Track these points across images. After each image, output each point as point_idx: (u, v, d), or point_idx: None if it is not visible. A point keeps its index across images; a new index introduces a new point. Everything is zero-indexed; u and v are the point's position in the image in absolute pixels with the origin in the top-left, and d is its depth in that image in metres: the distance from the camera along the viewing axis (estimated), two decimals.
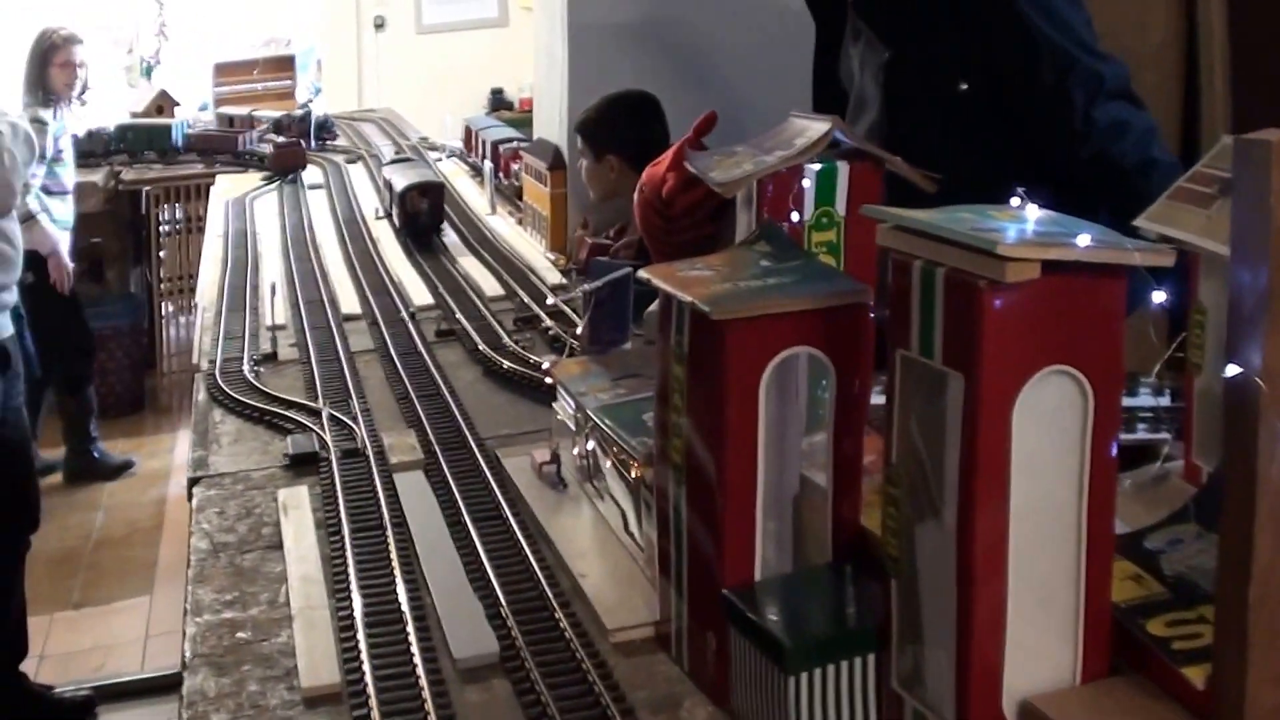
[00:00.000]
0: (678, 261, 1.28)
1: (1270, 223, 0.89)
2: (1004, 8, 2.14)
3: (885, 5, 2.28)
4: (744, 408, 1.27)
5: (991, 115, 2.20)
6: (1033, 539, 1.10)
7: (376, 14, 8.49)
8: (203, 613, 1.71)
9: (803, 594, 1.33)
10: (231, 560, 1.86)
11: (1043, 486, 1.09)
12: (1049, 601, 1.14)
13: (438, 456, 2.12)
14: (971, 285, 1.00)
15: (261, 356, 2.77)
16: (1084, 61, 2.11)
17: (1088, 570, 1.13)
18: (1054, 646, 1.16)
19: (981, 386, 1.02)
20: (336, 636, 1.60)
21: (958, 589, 1.10)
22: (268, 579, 1.79)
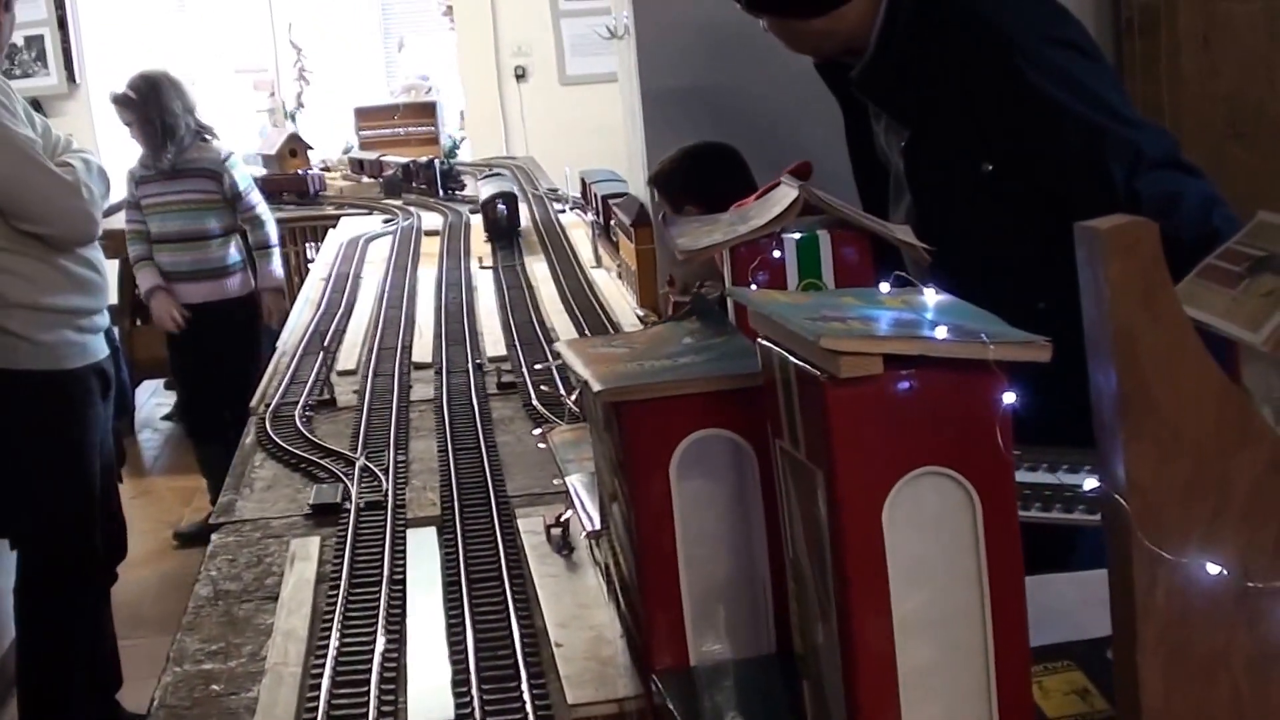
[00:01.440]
0: (598, 337, 1.24)
1: (1109, 320, 0.82)
2: (1016, 79, 2.03)
3: (889, 84, 2.18)
4: (652, 489, 1.22)
5: (1023, 196, 2.08)
6: (932, 651, 1.03)
7: (516, 64, 8.59)
8: (184, 662, 1.71)
9: (732, 686, 1.27)
10: (228, 610, 1.86)
11: (938, 596, 1.02)
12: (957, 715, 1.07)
13: (454, 513, 2.10)
14: (816, 380, 0.94)
15: (317, 402, 2.79)
16: (1116, 132, 1.99)
17: (1000, 687, 1.05)
18: None
19: (839, 484, 0.96)
20: (301, 695, 1.58)
21: (845, 701, 1.04)
22: (257, 631, 1.79)
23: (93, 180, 3.62)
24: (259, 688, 1.62)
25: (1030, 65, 2.04)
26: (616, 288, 3.82)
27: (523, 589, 1.80)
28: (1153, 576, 0.86)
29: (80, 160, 3.63)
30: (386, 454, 2.41)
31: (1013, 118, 2.06)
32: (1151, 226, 0.91)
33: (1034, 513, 1.52)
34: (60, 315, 3.59)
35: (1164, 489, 0.86)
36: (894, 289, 1.16)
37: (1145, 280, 0.88)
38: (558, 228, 4.99)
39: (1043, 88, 2.01)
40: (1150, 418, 0.86)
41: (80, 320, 3.65)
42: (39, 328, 3.55)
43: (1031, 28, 2.08)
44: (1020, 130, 2.06)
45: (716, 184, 3.06)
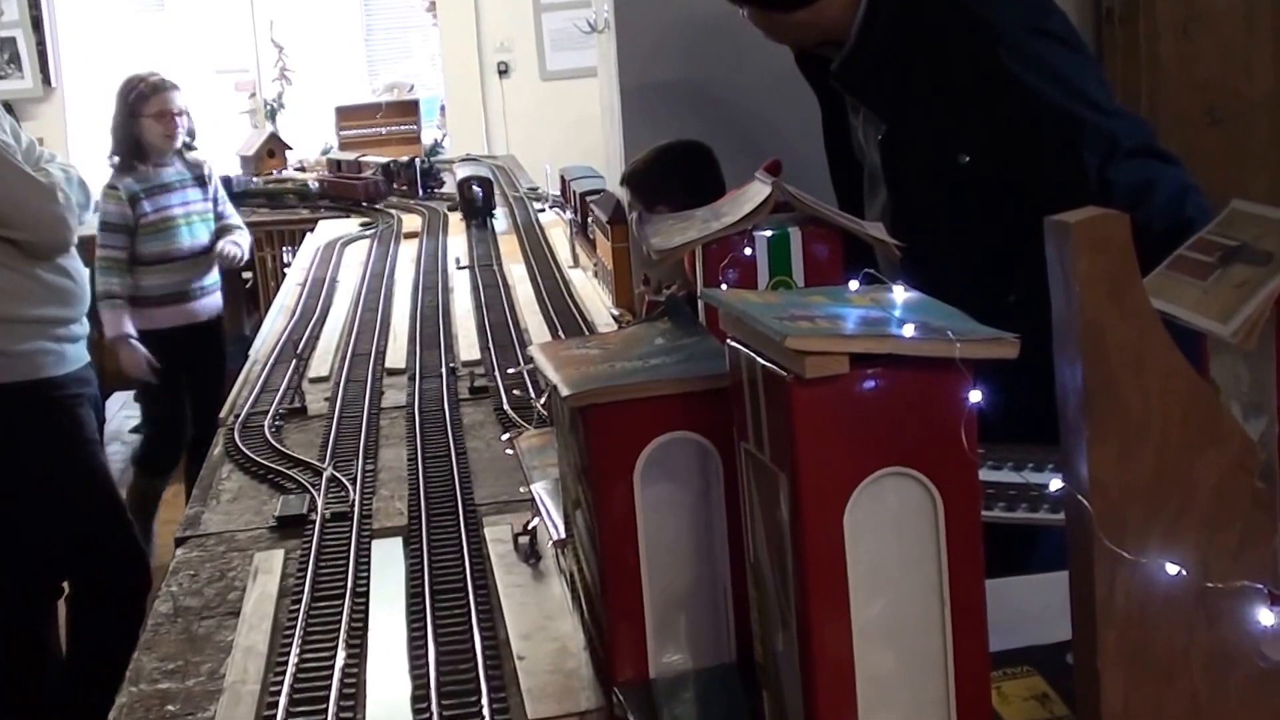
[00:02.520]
0: (571, 339, 1.23)
1: (1078, 314, 0.81)
2: (996, 70, 2.02)
3: (869, 76, 2.17)
4: (616, 495, 1.21)
5: (998, 188, 2.08)
6: (890, 658, 1.02)
7: (500, 60, 8.58)
8: (140, 681, 1.69)
9: (692, 698, 1.25)
10: (188, 626, 1.84)
11: (897, 600, 1.01)
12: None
13: (421, 523, 2.08)
14: (781, 379, 0.93)
15: (287, 411, 2.77)
16: (1092, 121, 1.99)
17: (959, 694, 1.04)
18: None
19: (802, 486, 0.94)
20: (259, 713, 1.57)
21: (804, 710, 1.02)
22: (217, 648, 1.77)
23: (71, 188, 3.61)
24: (215, 707, 1.60)
25: (1011, 56, 2.03)
26: (593, 288, 3.81)
27: (486, 600, 1.78)
28: (1113, 577, 0.84)
29: (59, 169, 3.62)
30: (355, 463, 2.39)
31: (991, 108, 2.06)
32: (1122, 220, 0.89)
33: (997, 513, 1.51)
34: (35, 326, 3.58)
35: (1126, 488, 0.84)
36: (863, 287, 1.15)
37: (1114, 275, 0.87)
38: (537, 228, 4.98)
39: (1022, 78, 2.01)
40: (1115, 414, 0.85)
41: (57, 330, 3.64)
42: (13, 339, 3.53)
43: (1015, 18, 2.08)
44: (998, 120, 2.05)
45: (688, 184, 3.06)
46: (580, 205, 4.31)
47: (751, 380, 1.00)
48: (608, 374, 1.21)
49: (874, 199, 2.27)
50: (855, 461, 0.95)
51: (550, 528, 1.60)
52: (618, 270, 3.49)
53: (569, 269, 4.17)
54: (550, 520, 1.60)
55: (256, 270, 6.54)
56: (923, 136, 2.13)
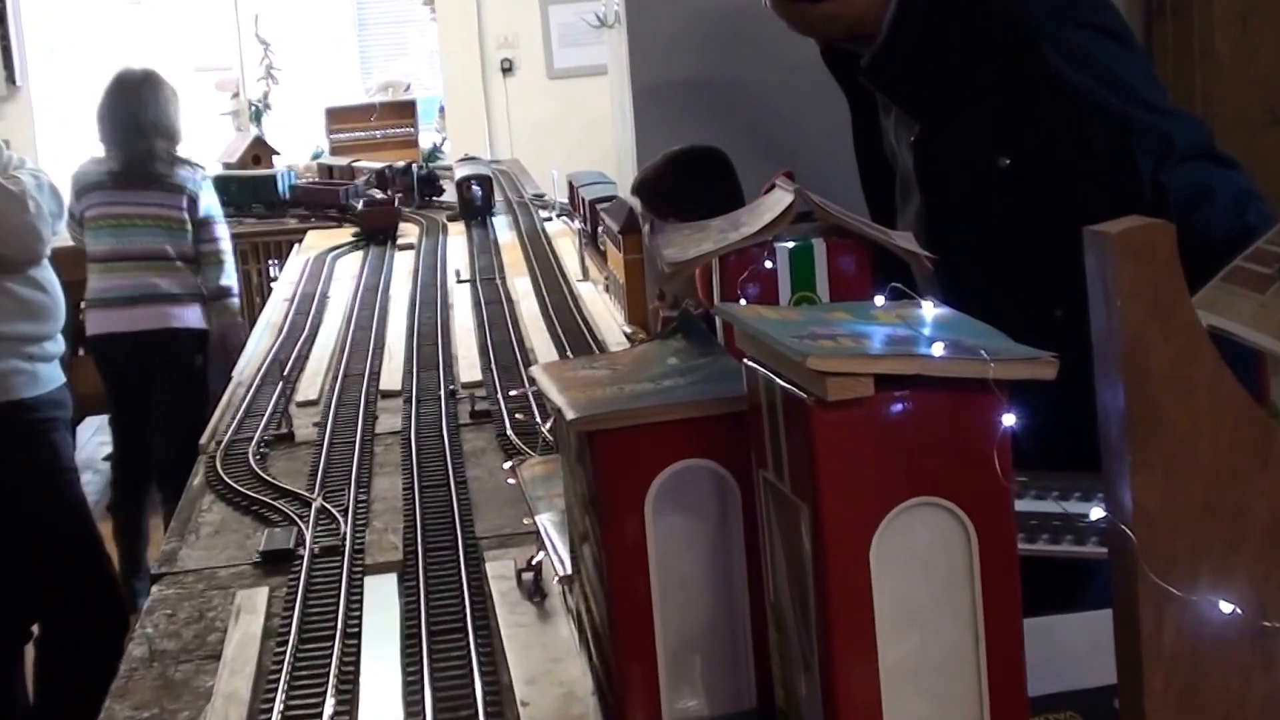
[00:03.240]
0: (578, 358, 1.24)
1: (1119, 331, 0.82)
2: (1039, 67, 2.03)
3: (901, 72, 2.18)
4: (626, 528, 1.22)
5: (1040, 193, 2.09)
6: (921, 703, 1.03)
7: (503, 57, 8.62)
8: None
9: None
10: (164, 671, 1.85)
11: (928, 640, 1.01)
12: None
13: (417, 557, 2.09)
14: (801, 402, 0.94)
15: (274, 437, 2.79)
16: (1144, 121, 2.00)
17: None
18: None
19: (824, 518, 0.95)
20: None
21: None
22: (195, 694, 1.78)
23: (42, 195, 3.64)
24: None
25: (1056, 51, 2.04)
26: (604, 303, 3.82)
27: (488, 641, 1.79)
28: (1160, 615, 0.85)
29: (29, 175, 3.64)
30: (347, 493, 2.40)
31: (1033, 107, 2.06)
32: (1167, 229, 0.90)
33: (1040, 545, 1.51)
34: (5, 344, 3.60)
35: (1174, 518, 0.85)
36: (889, 302, 1.16)
37: (1158, 289, 0.88)
38: (543, 238, 5.00)
39: (1067, 74, 2.01)
40: (1160, 439, 0.86)
41: (29, 348, 3.66)
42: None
43: (1060, 11, 2.09)
44: (1041, 120, 2.06)
45: (706, 191, 3.07)
46: (590, 214, 4.33)
47: (770, 404, 1.01)
48: (616, 397, 1.22)
49: (907, 206, 2.28)
50: (882, 491, 0.96)
51: (556, 563, 1.61)
52: (630, 284, 3.50)
53: (578, 283, 4.19)
54: (556, 555, 1.60)
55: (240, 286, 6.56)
56: (959, 138, 2.14)
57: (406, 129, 8.06)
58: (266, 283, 6.37)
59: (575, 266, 4.37)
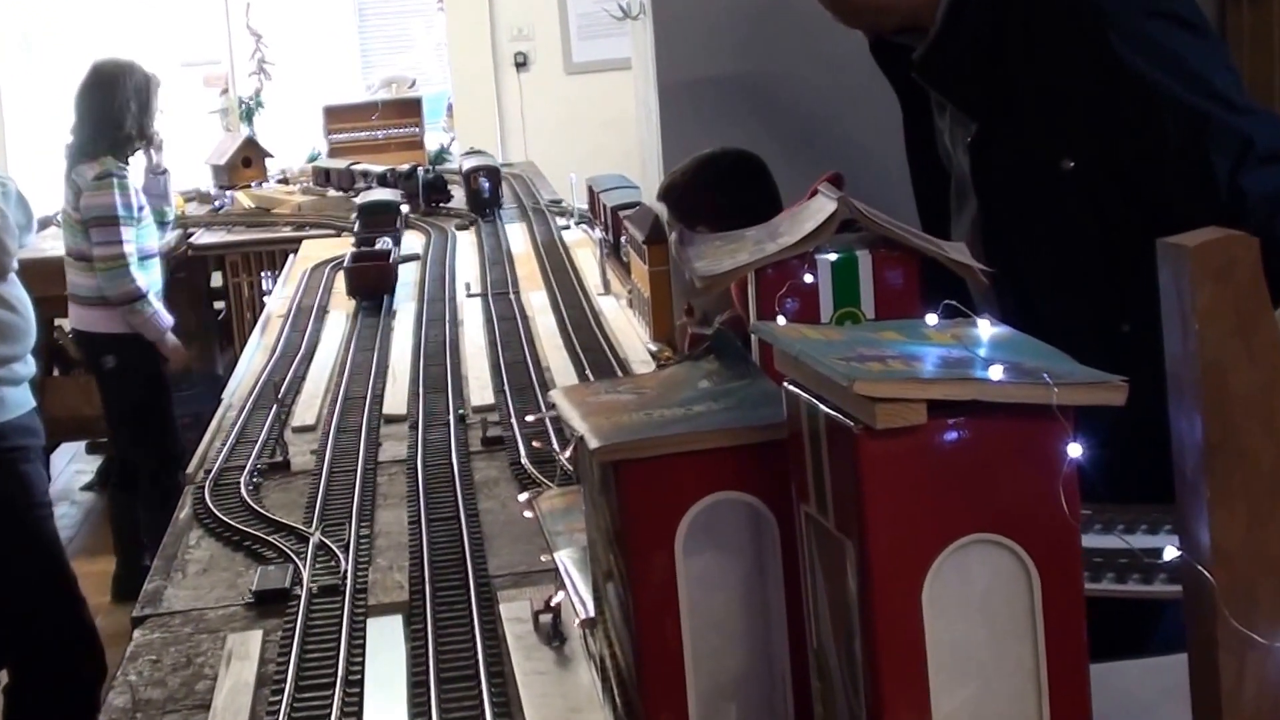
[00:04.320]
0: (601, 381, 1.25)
1: (1197, 354, 0.82)
2: (1106, 60, 2.03)
3: (957, 67, 2.18)
4: (654, 566, 1.22)
5: (1108, 198, 2.09)
6: None
7: (517, 50, 8.65)
8: None
9: None
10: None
11: (986, 691, 1.01)
12: None
13: (425, 598, 2.10)
14: (847, 431, 0.94)
15: (268, 466, 2.80)
16: (1221, 119, 1.99)
17: None
18: None
19: (873, 557, 0.95)
20: None
21: None
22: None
23: (9, 205, 3.66)
24: None
25: (1124, 42, 2.04)
26: (626, 319, 3.83)
27: (503, 690, 1.79)
28: (1241, 665, 0.85)
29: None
30: (347, 527, 2.41)
31: (1101, 104, 2.06)
32: (1250, 243, 0.90)
33: (1105, 585, 1.51)
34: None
35: (1256, 559, 0.85)
36: (943, 320, 1.16)
37: (1240, 308, 0.88)
38: (560, 248, 5.01)
39: (1137, 67, 2.01)
40: (1242, 472, 0.86)
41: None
42: None
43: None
44: (1109, 118, 2.06)
45: (740, 197, 3.07)
46: (612, 221, 4.34)
47: (813, 432, 1.01)
48: (644, 424, 1.23)
49: (962, 213, 2.28)
50: (935, 527, 0.96)
51: (577, 604, 1.62)
52: (656, 298, 3.51)
53: (598, 297, 4.20)
54: (577, 595, 1.61)
55: (231, 299, 6.60)
56: (1019, 139, 2.14)
57: (411, 129, 8.07)
58: (259, 296, 6.39)
59: (596, 279, 4.38)
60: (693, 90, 3.44)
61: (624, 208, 4.28)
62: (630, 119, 4.31)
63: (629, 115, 4.29)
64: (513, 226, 5.64)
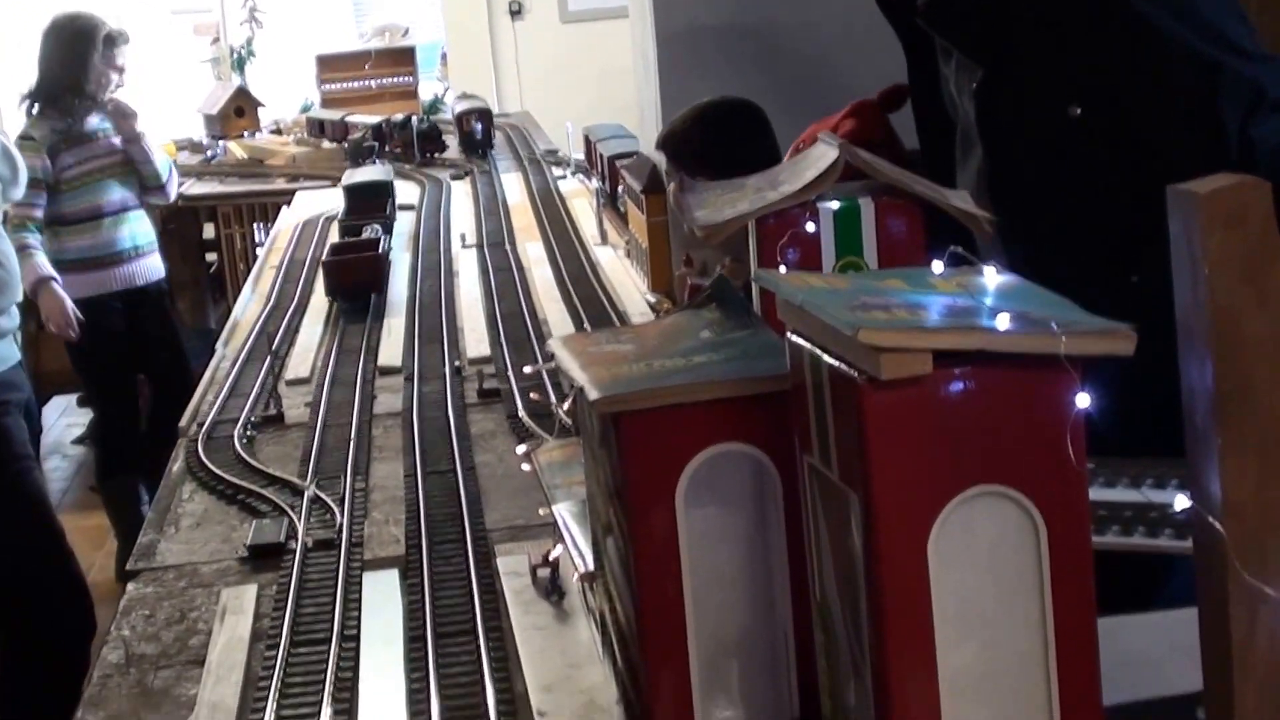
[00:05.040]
0: (600, 331, 1.24)
1: (1207, 301, 0.81)
2: (1119, 7, 2.02)
3: (963, 12, 2.17)
4: (655, 520, 1.21)
5: (1116, 146, 2.08)
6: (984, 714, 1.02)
7: None
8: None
9: None
10: (141, 678, 1.85)
11: (992, 645, 1.01)
12: None
13: (422, 552, 2.09)
14: (851, 381, 0.93)
15: (262, 419, 2.79)
16: (1233, 67, 1.98)
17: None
18: None
19: (878, 508, 0.95)
20: None
21: None
22: (176, 704, 1.78)
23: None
24: None
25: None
26: (624, 269, 3.82)
27: (501, 645, 1.79)
28: (1252, 618, 0.84)
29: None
30: (342, 481, 2.40)
31: (1109, 50, 2.05)
32: (1262, 188, 0.89)
33: (1111, 538, 1.50)
34: None
35: (1268, 509, 0.84)
36: (948, 269, 1.15)
37: (1251, 255, 0.87)
38: (557, 199, 5.00)
39: (1146, 12, 2.00)
40: (1253, 422, 0.85)
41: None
42: None
43: None
44: (1117, 65, 2.05)
45: (737, 148, 3.06)
46: (609, 171, 4.32)
47: (816, 382, 1.00)
48: (644, 374, 1.22)
49: (967, 162, 2.27)
50: (941, 479, 0.96)
51: (576, 558, 1.61)
52: (654, 249, 3.50)
53: (595, 247, 4.19)
54: (576, 549, 1.60)
55: (223, 252, 6.59)
56: (1026, 85, 2.13)
57: (405, 78, 8.05)
58: (252, 248, 6.38)
59: (593, 230, 4.37)
60: (691, 38, 3.43)
61: (621, 157, 4.26)
62: (627, 69, 4.29)
63: (626, 65, 4.27)
64: (508, 177, 5.62)
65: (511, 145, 6.41)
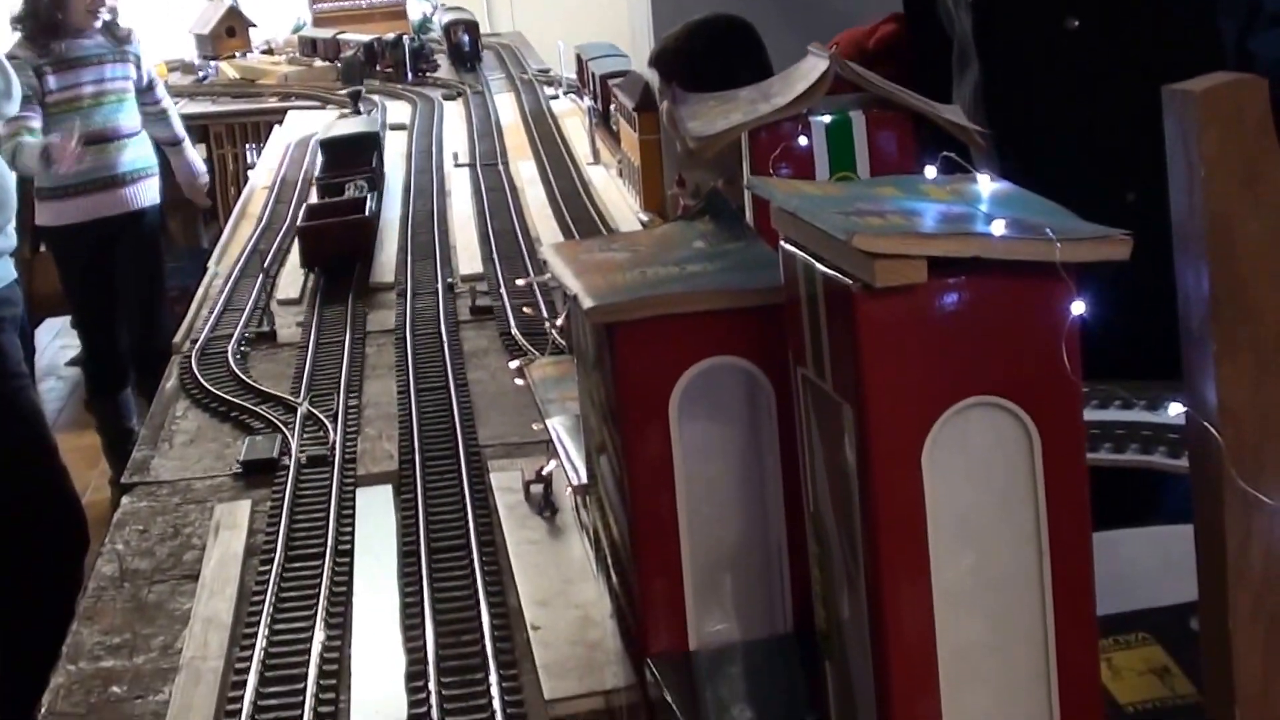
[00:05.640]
0: (594, 238, 1.22)
1: (1204, 203, 0.79)
2: None
3: None
4: (648, 434, 1.20)
5: (1113, 60, 2.06)
6: (979, 625, 1.01)
7: None
8: (79, 659, 1.71)
9: (740, 673, 1.25)
10: (136, 593, 1.85)
11: (986, 555, 1.00)
12: (1011, 703, 1.05)
13: (415, 468, 2.09)
14: (845, 289, 0.92)
15: (254, 336, 2.78)
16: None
17: (1061, 666, 1.04)
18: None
19: (871, 420, 0.93)
20: (222, 697, 1.58)
21: (875, 683, 1.02)
22: (171, 618, 1.78)
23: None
24: (171, 688, 1.61)
25: None
26: (616, 188, 3.81)
27: (494, 560, 1.79)
28: (1248, 526, 0.83)
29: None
30: (335, 397, 2.40)
31: None
32: (1260, 88, 0.88)
33: (1103, 455, 1.50)
34: None
35: (1264, 415, 0.83)
36: (941, 176, 1.13)
37: (1248, 156, 0.85)
38: (549, 118, 4.97)
39: None
40: (1249, 326, 0.83)
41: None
42: None
43: None
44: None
45: (729, 66, 3.03)
46: (601, 90, 4.29)
47: (810, 292, 0.99)
48: (638, 282, 1.20)
49: (964, 77, 2.24)
50: (936, 389, 0.94)
51: (569, 472, 1.60)
52: (646, 167, 3.48)
53: (588, 166, 4.17)
54: (569, 462, 1.60)
55: (215, 171, 6.55)
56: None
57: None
58: (243, 169, 6.34)
59: (585, 149, 4.36)
60: None
61: (613, 76, 4.22)
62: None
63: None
64: (501, 97, 5.59)
65: (504, 65, 6.37)
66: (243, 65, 7.29)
